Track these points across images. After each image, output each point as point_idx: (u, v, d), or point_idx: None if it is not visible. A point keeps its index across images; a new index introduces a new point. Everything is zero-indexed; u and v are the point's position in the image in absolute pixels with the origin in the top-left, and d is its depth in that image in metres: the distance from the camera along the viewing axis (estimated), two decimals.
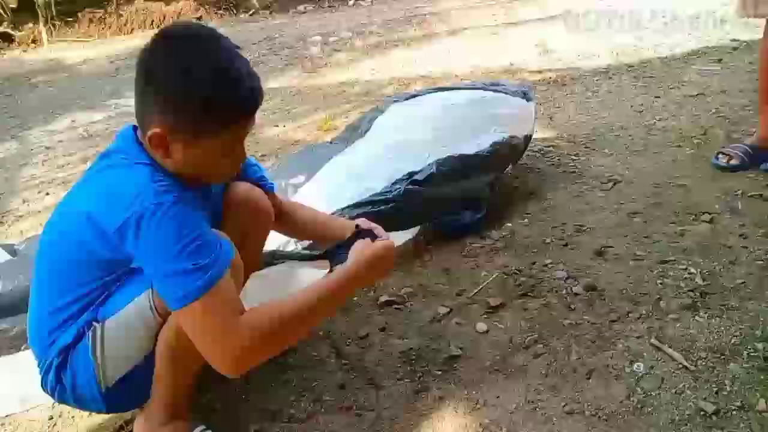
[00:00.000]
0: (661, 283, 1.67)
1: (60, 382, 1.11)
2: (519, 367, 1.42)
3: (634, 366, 1.37)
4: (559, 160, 2.61)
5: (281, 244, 1.81)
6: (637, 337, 1.47)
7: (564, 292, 1.68)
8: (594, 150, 2.68)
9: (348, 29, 6.48)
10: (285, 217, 1.47)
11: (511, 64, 4.39)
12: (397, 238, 1.98)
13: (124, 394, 1.14)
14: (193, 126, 1.02)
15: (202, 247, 0.97)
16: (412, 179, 1.96)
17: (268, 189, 1.41)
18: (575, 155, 2.64)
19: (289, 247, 1.81)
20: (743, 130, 2.65)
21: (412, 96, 2.50)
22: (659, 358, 1.39)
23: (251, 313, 1.02)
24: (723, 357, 1.37)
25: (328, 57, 5.50)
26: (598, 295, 1.65)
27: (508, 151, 2.24)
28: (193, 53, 0.99)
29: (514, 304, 1.66)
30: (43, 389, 1.15)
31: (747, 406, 1.23)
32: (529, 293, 1.69)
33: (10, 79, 6.10)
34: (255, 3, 9.12)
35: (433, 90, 2.56)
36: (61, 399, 1.15)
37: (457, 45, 5.29)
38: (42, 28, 8.18)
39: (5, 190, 3.07)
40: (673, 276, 1.69)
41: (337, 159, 2.19)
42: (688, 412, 1.23)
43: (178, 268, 0.95)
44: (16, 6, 8.50)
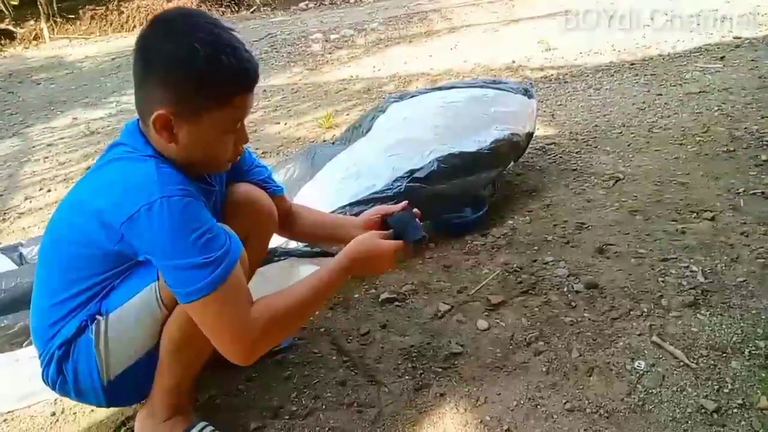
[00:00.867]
0: (662, 281, 1.66)
1: (61, 374, 1.11)
2: (520, 365, 1.42)
3: (635, 363, 1.37)
4: (560, 157, 2.61)
5: (283, 242, 1.81)
6: (638, 335, 1.47)
7: (565, 289, 1.68)
8: (595, 147, 2.67)
9: (349, 26, 6.48)
10: (293, 220, 1.46)
11: (513, 62, 4.39)
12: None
13: (126, 389, 1.14)
14: (197, 102, 1.02)
15: (212, 240, 0.98)
16: (413, 177, 1.96)
17: (276, 191, 1.40)
18: (577, 153, 2.63)
19: (291, 244, 1.81)
20: (746, 127, 2.64)
21: (413, 95, 2.49)
22: (660, 356, 1.39)
23: (260, 303, 1.04)
24: (724, 355, 1.37)
25: (330, 54, 5.49)
26: (599, 292, 1.65)
27: (510, 149, 2.24)
28: (189, 31, 1.00)
29: (515, 302, 1.66)
30: (44, 381, 1.15)
31: (748, 404, 1.23)
32: (530, 291, 1.69)
33: (12, 76, 6.11)
34: (256, 0, 9.11)
35: (434, 89, 2.55)
36: (62, 391, 1.15)
37: (458, 42, 5.28)
38: (44, 25, 8.19)
39: (7, 187, 3.08)
40: (675, 274, 1.69)
41: (338, 157, 2.19)
42: (689, 410, 1.23)
43: (190, 262, 0.95)
44: (17, 3, 8.51)
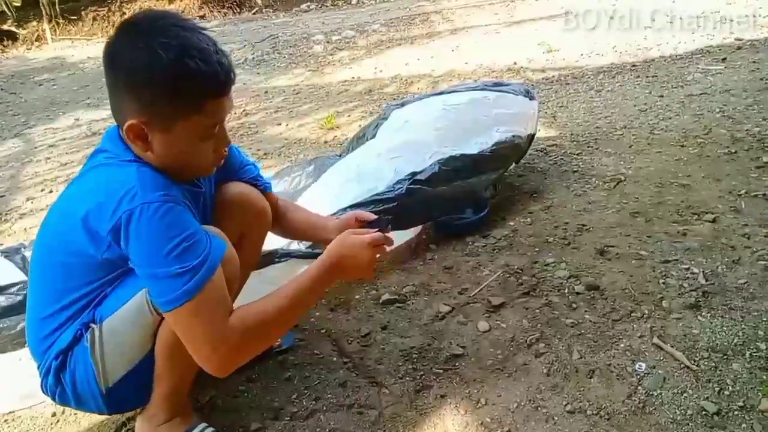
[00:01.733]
0: (663, 283, 1.66)
1: (60, 384, 1.10)
2: (520, 366, 1.42)
3: (636, 365, 1.37)
4: (561, 159, 2.61)
5: (284, 243, 1.81)
6: (639, 337, 1.47)
7: (566, 291, 1.68)
8: (597, 149, 2.67)
9: (351, 28, 6.48)
10: (280, 216, 1.46)
11: (515, 63, 4.39)
12: (398, 237, 1.99)
13: (125, 395, 1.13)
14: (166, 111, 1.00)
15: (190, 248, 0.96)
16: (414, 179, 1.96)
17: (265, 188, 1.40)
18: (578, 154, 2.63)
19: (293, 246, 1.81)
20: (747, 129, 2.64)
21: (414, 101, 2.50)
22: (661, 358, 1.39)
23: (239, 313, 1.02)
24: (725, 357, 1.37)
25: (331, 55, 5.50)
26: (600, 294, 1.65)
27: (511, 151, 2.24)
28: (155, 37, 0.96)
29: (516, 303, 1.66)
30: (43, 392, 1.14)
31: (749, 406, 1.23)
32: (530, 292, 1.69)
33: (14, 77, 6.12)
34: (258, 1, 9.12)
35: (435, 94, 2.55)
36: (62, 401, 1.14)
37: (459, 44, 5.28)
38: (46, 27, 8.20)
39: (9, 188, 3.08)
40: (676, 275, 1.69)
41: (340, 162, 2.20)
42: (690, 412, 1.23)
43: (167, 271, 0.94)
44: (20, 4, 8.53)
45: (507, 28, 5.63)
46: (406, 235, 2.02)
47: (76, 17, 8.65)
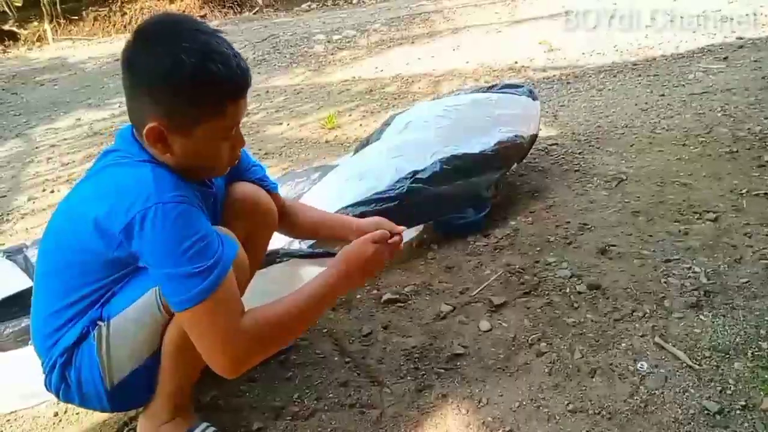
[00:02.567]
0: (665, 282, 1.66)
1: (64, 381, 1.11)
2: (522, 366, 1.42)
3: (638, 365, 1.37)
4: (563, 158, 2.60)
5: (286, 242, 1.81)
6: (640, 336, 1.46)
7: (567, 290, 1.68)
8: (598, 148, 2.67)
9: (352, 27, 6.48)
10: (287, 217, 1.46)
11: (516, 63, 4.39)
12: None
13: (129, 393, 1.14)
14: (188, 113, 1.01)
15: (204, 249, 0.97)
16: (415, 178, 1.96)
17: (271, 188, 1.41)
18: (579, 153, 2.63)
19: (294, 245, 1.81)
20: (749, 128, 2.63)
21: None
22: (663, 357, 1.39)
23: (251, 315, 1.02)
24: (727, 356, 1.37)
25: (332, 55, 5.50)
26: (602, 293, 1.64)
27: (513, 151, 2.24)
28: (175, 41, 0.98)
29: (518, 303, 1.65)
30: (47, 389, 1.15)
31: (751, 406, 1.23)
32: (532, 292, 1.69)
33: (15, 77, 6.13)
34: (259, 1, 9.12)
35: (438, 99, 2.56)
36: (66, 398, 1.14)
37: (460, 43, 5.28)
38: (47, 27, 8.21)
39: (11, 188, 3.09)
40: (678, 275, 1.68)
41: (343, 164, 2.21)
42: (692, 411, 1.23)
43: (181, 271, 0.95)
44: (21, 4, 8.54)
45: (508, 28, 5.63)
46: (407, 235, 2.02)
47: (77, 17, 8.66)
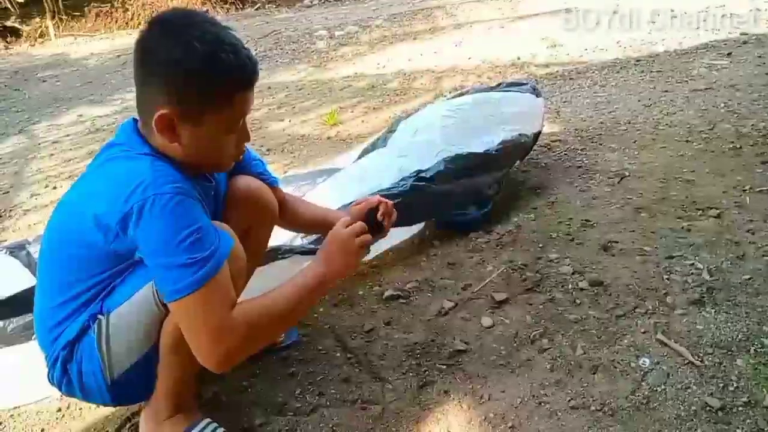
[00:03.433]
0: (667, 279, 1.66)
1: (66, 374, 1.11)
2: (524, 362, 1.42)
3: (640, 361, 1.37)
4: (565, 154, 2.60)
5: (288, 240, 1.81)
6: (643, 333, 1.46)
7: (570, 287, 1.68)
8: (601, 144, 2.66)
9: (354, 23, 6.47)
10: (287, 210, 1.47)
11: (518, 59, 4.38)
12: (402, 234, 1.99)
13: (131, 386, 1.14)
14: (198, 102, 1.02)
15: (199, 241, 0.97)
16: (419, 176, 1.96)
17: (271, 182, 1.42)
18: (582, 150, 2.62)
19: (296, 242, 1.81)
20: (752, 124, 2.63)
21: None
22: (665, 354, 1.39)
23: (242, 307, 1.02)
24: (729, 352, 1.37)
25: (334, 51, 5.49)
26: (604, 290, 1.64)
27: (517, 149, 2.23)
28: (189, 30, 0.99)
29: (520, 299, 1.65)
30: (50, 382, 1.15)
31: (753, 402, 1.23)
32: (534, 288, 1.69)
33: (18, 74, 6.13)
34: None
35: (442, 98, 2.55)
36: (68, 392, 1.15)
37: (463, 39, 5.27)
38: (49, 23, 8.21)
39: (13, 184, 3.09)
40: (680, 271, 1.68)
41: (348, 166, 2.21)
42: (694, 408, 1.23)
43: (175, 261, 0.95)
44: (23, 1, 8.54)
45: (510, 24, 5.62)
46: (410, 232, 2.02)
47: (79, 13, 8.67)
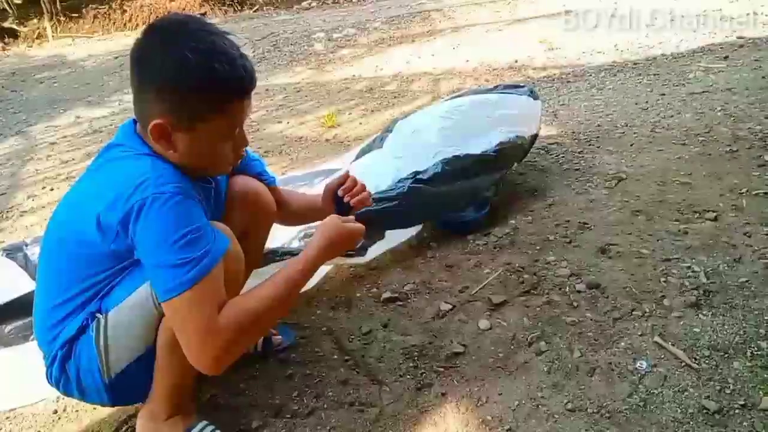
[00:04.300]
0: (664, 281, 1.66)
1: (64, 373, 1.11)
2: (521, 365, 1.42)
3: (637, 364, 1.37)
4: (563, 157, 2.60)
5: (285, 241, 1.81)
6: (640, 335, 1.47)
7: (567, 289, 1.68)
8: (598, 147, 2.67)
9: (352, 26, 6.48)
10: (283, 207, 1.49)
11: (516, 61, 4.39)
12: (399, 236, 1.99)
13: (128, 386, 1.14)
14: (191, 111, 1.02)
15: (194, 241, 0.97)
16: (417, 178, 1.96)
17: (269, 182, 1.43)
18: (579, 152, 2.63)
19: (293, 244, 1.81)
20: (749, 127, 2.63)
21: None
22: (662, 356, 1.39)
23: (230, 308, 1.01)
24: (726, 355, 1.37)
25: (332, 53, 5.50)
26: (601, 292, 1.64)
27: (514, 151, 2.24)
28: (183, 40, 1.00)
29: (517, 302, 1.65)
30: (48, 381, 1.15)
31: (750, 405, 1.23)
32: (532, 290, 1.69)
33: (15, 75, 6.12)
34: None
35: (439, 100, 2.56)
36: (66, 391, 1.15)
37: (460, 42, 5.28)
38: (47, 24, 8.21)
39: (10, 186, 3.08)
40: (677, 274, 1.68)
41: (345, 167, 2.21)
42: (691, 411, 1.23)
43: (168, 260, 0.96)
44: (21, 2, 8.53)
45: (508, 26, 5.63)
46: (407, 234, 2.02)
47: (76, 15, 8.66)
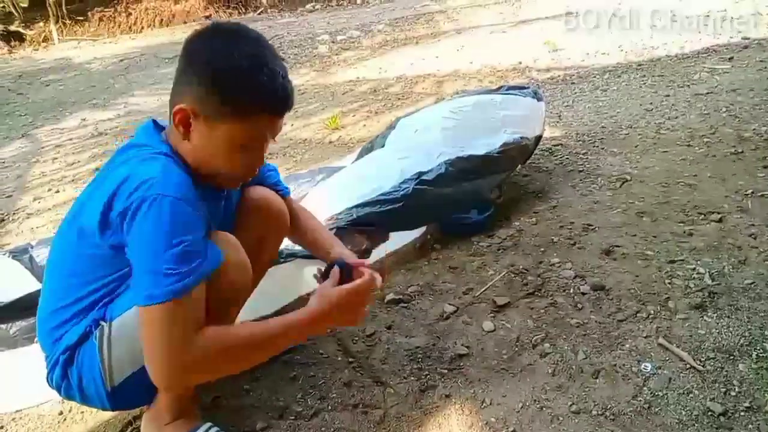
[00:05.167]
0: (669, 283, 1.66)
1: (66, 378, 1.11)
2: (526, 367, 1.42)
3: (642, 366, 1.37)
4: (567, 158, 2.60)
5: (289, 243, 1.81)
6: (644, 337, 1.46)
7: (571, 291, 1.68)
8: (602, 149, 2.66)
9: (356, 28, 6.49)
10: (293, 221, 1.46)
11: (520, 63, 4.38)
12: (404, 237, 1.99)
13: (130, 394, 1.13)
14: (216, 104, 1.02)
15: (185, 253, 0.95)
16: (421, 179, 1.96)
17: (284, 193, 1.42)
18: (583, 154, 2.63)
19: (298, 246, 1.81)
20: (754, 128, 2.62)
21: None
22: (667, 358, 1.39)
23: (209, 332, 0.99)
24: (731, 357, 1.37)
25: (336, 55, 5.50)
26: (606, 294, 1.64)
27: (518, 152, 2.24)
28: (237, 43, 1.03)
29: (521, 303, 1.65)
30: (49, 384, 1.15)
31: (755, 407, 1.23)
32: (536, 292, 1.69)
33: (21, 78, 6.15)
34: (263, 1, 9.14)
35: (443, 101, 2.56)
36: (67, 395, 1.15)
37: (464, 44, 5.28)
38: (52, 27, 8.25)
39: (17, 188, 3.10)
40: (682, 275, 1.68)
41: (350, 166, 2.21)
42: (696, 413, 1.23)
43: (157, 266, 0.94)
44: (27, 5, 8.59)
45: (512, 28, 5.63)
46: (411, 236, 2.02)
47: (82, 18, 8.70)
